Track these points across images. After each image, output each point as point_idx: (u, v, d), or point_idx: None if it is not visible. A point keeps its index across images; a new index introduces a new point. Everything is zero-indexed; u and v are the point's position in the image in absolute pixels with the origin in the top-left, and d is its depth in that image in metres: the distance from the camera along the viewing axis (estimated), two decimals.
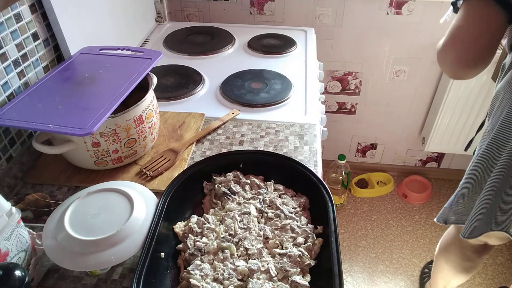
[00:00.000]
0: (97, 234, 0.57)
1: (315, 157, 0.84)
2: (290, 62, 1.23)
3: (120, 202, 0.62)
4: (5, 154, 0.79)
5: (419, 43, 1.63)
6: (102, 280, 0.61)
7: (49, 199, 0.72)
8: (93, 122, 0.66)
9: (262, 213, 0.68)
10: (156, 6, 1.46)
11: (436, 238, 1.80)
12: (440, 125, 1.75)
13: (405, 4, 1.54)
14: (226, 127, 0.94)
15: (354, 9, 1.57)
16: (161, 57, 0.86)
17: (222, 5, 1.61)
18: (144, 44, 1.34)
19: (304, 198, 0.71)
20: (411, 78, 1.75)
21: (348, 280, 1.63)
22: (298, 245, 0.63)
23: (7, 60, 0.78)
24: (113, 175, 0.79)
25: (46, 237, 0.59)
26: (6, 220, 0.54)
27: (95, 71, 0.81)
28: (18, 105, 0.71)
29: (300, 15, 1.60)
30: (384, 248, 1.77)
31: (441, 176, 2.09)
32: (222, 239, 0.63)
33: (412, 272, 1.66)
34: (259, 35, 1.38)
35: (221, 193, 0.72)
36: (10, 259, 0.55)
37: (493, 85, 1.56)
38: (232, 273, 0.58)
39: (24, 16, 0.82)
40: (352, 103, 1.87)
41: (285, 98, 1.02)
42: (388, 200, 2.00)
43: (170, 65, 1.18)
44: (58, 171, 0.80)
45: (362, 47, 1.67)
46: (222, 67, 1.20)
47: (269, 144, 0.88)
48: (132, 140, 0.76)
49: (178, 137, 0.89)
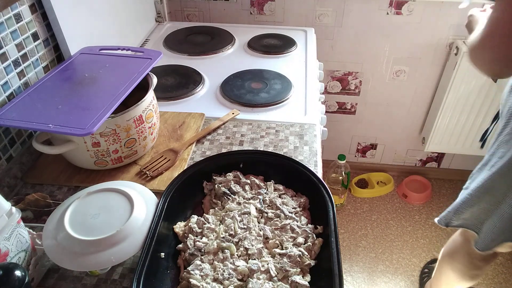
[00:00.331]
0: (97, 234, 0.57)
1: (315, 157, 0.84)
2: (290, 62, 1.23)
3: (120, 202, 0.62)
4: (5, 154, 0.79)
5: (419, 43, 1.63)
6: (102, 280, 0.61)
7: (49, 199, 0.72)
8: (93, 122, 0.66)
9: (262, 213, 0.68)
10: (156, 6, 1.46)
11: (436, 238, 1.80)
12: (440, 125, 1.75)
13: (405, 4, 1.54)
14: (226, 127, 0.94)
15: (354, 9, 1.57)
16: (161, 57, 0.86)
17: (222, 5, 1.61)
18: (144, 44, 1.34)
19: (304, 198, 0.71)
20: (411, 78, 1.75)
21: (348, 280, 1.63)
22: (298, 245, 0.63)
23: (7, 60, 0.78)
24: (113, 175, 0.79)
25: (46, 237, 0.59)
26: (6, 220, 0.54)
27: (95, 71, 0.81)
28: (18, 105, 0.71)
29: (300, 15, 1.60)
30: (384, 248, 1.77)
31: (441, 176, 2.09)
32: (222, 239, 0.63)
33: (412, 272, 1.66)
34: (259, 35, 1.38)
35: (221, 193, 0.72)
36: (10, 259, 0.55)
37: (493, 85, 1.56)
38: (232, 273, 0.58)
39: (24, 16, 0.82)
40: (352, 103, 1.87)
41: (285, 98, 1.02)
42: (388, 200, 2.00)
43: (170, 65, 1.18)
44: (58, 171, 0.80)
45: (362, 47, 1.67)
46: (222, 67, 1.20)
47: (269, 144, 0.88)
48: (132, 140, 0.76)
49: (178, 137, 0.89)
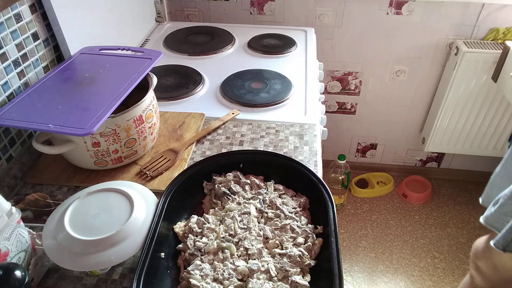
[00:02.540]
0: (97, 234, 0.57)
1: (315, 157, 0.84)
2: (290, 62, 1.23)
3: (120, 202, 0.62)
4: (5, 154, 0.79)
5: (419, 43, 1.63)
6: (102, 280, 0.61)
7: (49, 199, 0.72)
8: (93, 122, 0.66)
9: (262, 213, 0.68)
10: (156, 6, 1.46)
11: (436, 238, 1.80)
12: (440, 125, 1.75)
13: (405, 4, 1.54)
14: (226, 127, 0.94)
15: (354, 9, 1.57)
16: (161, 57, 0.86)
17: (222, 5, 1.61)
18: (144, 44, 1.34)
19: (304, 198, 0.71)
20: (411, 78, 1.75)
21: (348, 280, 1.63)
22: (298, 245, 0.63)
23: (7, 60, 0.78)
24: (113, 175, 0.79)
25: (46, 237, 0.59)
26: (6, 220, 0.54)
27: (95, 71, 0.81)
28: (18, 105, 0.71)
29: (300, 15, 1.60)
30: (384, 248, 1.77)
31: (441, 176, 2.09)
32: (222, 239, 0.63)
33: (412, 272, 1.66)
34: (259, 35, 1.38)
35: (221, 193, 0.72)
36: (10, 259, 0.55)
37: (493, 85, 1.56)
38: (232, 273, 0.58)
39: (24, 16, 0.82)
40: (352, 103, 1.87)
41: (285, 98, 1.02)
42: (388, 200, 2.00)
43: (170, 65, 1.18)
44: (58, 171, 0.80)
45: (362, 47, 1.67)
46: (222, 67, 1.20)
47: (269, 144, 0.88)
48: (132, 140, 0.76)
49: (178, 137, 0.89)
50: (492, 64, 1.53)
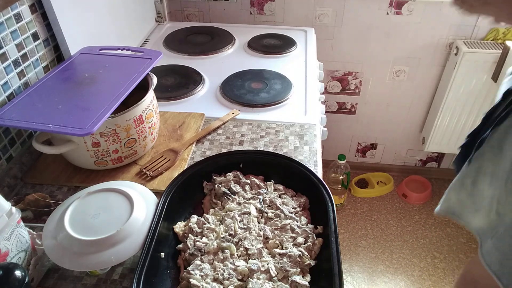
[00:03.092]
0: (97, 234, 0.57)
1: (315, 157, 0.84)
2: (290, 62, 1.23)
3: (120, 202, 0.62)
4: (5, 154, 0.79)
5: (419, 43, 1.63)
6: (102, 280, 0.61)
7: (49, 199, 0.72)
8: (93, 122, 0.66)
9: (262, 213, 0.68)
10: (156, 6, 1.46)
11: (436, 238, 1.80)
12: (440, 125, 1.75)
13: (405, 4, 1.54)
14: (226, 127, 0.94)
15: (354, 9, 1.57)
16: (161, 57, 0.86)
17: (222, 5, 1.62)
18: (144, 44, 1.34)
19: (304, 198, 0.71)
20: (411, 78, 1.75)
21: (348, 280, 1.63)
22: (298, 245, 0.63)
23: (7, 60, 0.78)
24: (113, 175, 0.79)
25: (46, 237, 0.59)
26: (6, 220, 0.54)
27: (95, 71, 0.81)
28: (18, 105, 0.71)
29: (300, 15, 1.60)
30: (384, 248, 1.77)
31: (441, 176, 2.09)
32: (222, 239, 0.63)
33: (412, 272, 1.66)
34: (259, 35, 1.38)
35: (221, 193, 0.72)
36: (10, 259, 0.55)
37: (493, 85, 1.56)
38: (232, 273, 0.58)
39: (24, 16, 0.82)
40: (352, 103, 1.87)
41: (285, 98, 1.02)
42: (388, 200, 2.00)
43: (170, 65, 1.18)
44: (58, 171, 0.80)
45: (362, 47, 1.67)
46: (222, 67, 1.20)
47: (269, 144, 0.88)
48: (132, 140, 0.76)
49: (178, 137, 0.89)
50: (492, 64, 1.53)
